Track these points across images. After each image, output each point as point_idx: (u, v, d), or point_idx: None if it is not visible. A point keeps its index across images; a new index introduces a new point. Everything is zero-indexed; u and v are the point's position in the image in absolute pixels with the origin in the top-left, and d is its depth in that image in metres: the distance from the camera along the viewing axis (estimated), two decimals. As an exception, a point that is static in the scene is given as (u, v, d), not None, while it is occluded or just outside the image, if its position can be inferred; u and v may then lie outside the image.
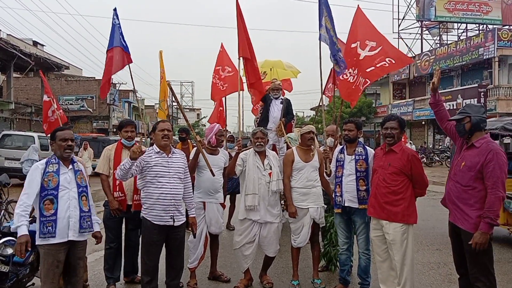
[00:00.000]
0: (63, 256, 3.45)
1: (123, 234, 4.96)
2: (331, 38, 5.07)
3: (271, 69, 8.44)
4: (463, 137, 3.69)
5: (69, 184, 3.50)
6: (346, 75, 5.21)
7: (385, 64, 4.89)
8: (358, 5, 5.42)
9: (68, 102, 32.73)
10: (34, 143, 13.99)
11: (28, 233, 3.28)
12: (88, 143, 16.86)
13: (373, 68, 4.96)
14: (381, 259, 4.19)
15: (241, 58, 5.79)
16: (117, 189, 4.76)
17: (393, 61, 4.92)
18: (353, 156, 4.56)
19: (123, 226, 4.97)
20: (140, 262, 4.96)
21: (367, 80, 5.02)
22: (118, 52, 6.23)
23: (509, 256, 5.99)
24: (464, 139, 3.73)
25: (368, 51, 5.02)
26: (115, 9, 6.33)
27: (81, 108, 33.83)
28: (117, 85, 35.63)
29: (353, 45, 5.23)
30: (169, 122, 4.29)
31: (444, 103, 4.04)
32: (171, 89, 5.02)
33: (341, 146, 4.81)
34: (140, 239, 4.10)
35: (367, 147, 4.67)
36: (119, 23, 6.32)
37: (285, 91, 8.56)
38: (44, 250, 3.40)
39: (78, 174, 3.58)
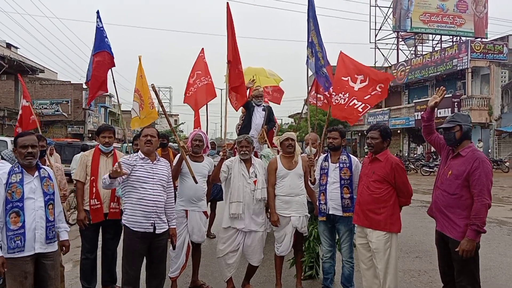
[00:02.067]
0: (31, 267, 3.26)
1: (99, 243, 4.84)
2: (316, 53, 5.14)
3: (253, 76, 8.41)
4: (452, 145, 3.73)
5: (34, 194, 3.30)
6: (338, 100, 5.56)
7: (378, 92, 5.49)
8: (340, 51, 5.85)
9: (42, 106, 31.99)
10: (7, 148, 13.57)
11: (1, 255, 3.12)
12: (55, 148, 16.43)
13: (369, 96, 5.50)
14: (365, 266, 4.18)
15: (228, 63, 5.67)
16: (94, 197, 4.63)
17: (382, 85, 5.50)
18: (337, 164, 4.57)
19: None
20: (118, 271, 4.86)
21: (366, 105, 5.50)
22: (105, 56, 6.09)
23: (486, 262, 6.09)
24: (449, 149, 3.77)
25: (360, 83, 5.57)
26: (98, 12, 6.15)
27: (56, 113, 33.09)
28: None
29: (343, 78, 5.59)
30: (154, 128, 4.18)
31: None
32: (155, 92, 4.91)
33: (325, 154, 4.81)
34: (122, 247, 3.97)
35: (351, 155, 4.68)
36: (102, 26, 6.16)
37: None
38: (9, 262, 3.19)
39: (44, 181, 3.37)
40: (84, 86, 34.52)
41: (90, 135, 34.28)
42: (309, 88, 5.89)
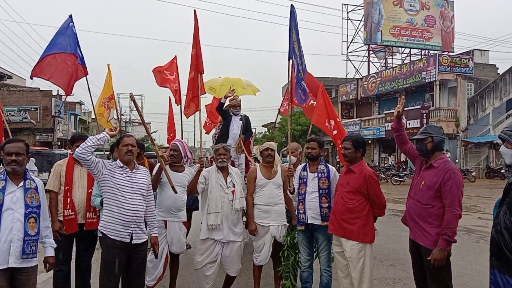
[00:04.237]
0: (3, 281, 3.14)
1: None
2: (297, 65, 5.19)
3: (230, 87, 8.42)
4: (424, 156, 3.85)
5: (14, 205, 3.18)
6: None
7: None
8: (322, 82, 6.29)
9: (9, 114, 30.95)
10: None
11: None
12: None
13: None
14: (343, 274, 4.24)
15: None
16: (68, 207, 4.51)
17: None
18: (316, 174, 4.62)
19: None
20: (92, 283, 4.75)
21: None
22: (74, 62, 5.86)
23: (457, 270, 6.25)
24: (423, 160, 3.89)
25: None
26: (70, 16, 5.95)
27: (24, 120, 32.11)
28: (63, 96, 34.25)
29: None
30: (133, 136, 4.11)
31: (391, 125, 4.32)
32: (134, 101, 4.87)
33: (304, 164, 4.87)
34: (101, 258, 3.88)
35: (329, 165, 4.75)
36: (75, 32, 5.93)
37: None
38: None
39: (28, 192, 3.25)
40: (54, 93, 33.84)
41: (59, 143, 33.44)
42: (285, 97, 5.96)
